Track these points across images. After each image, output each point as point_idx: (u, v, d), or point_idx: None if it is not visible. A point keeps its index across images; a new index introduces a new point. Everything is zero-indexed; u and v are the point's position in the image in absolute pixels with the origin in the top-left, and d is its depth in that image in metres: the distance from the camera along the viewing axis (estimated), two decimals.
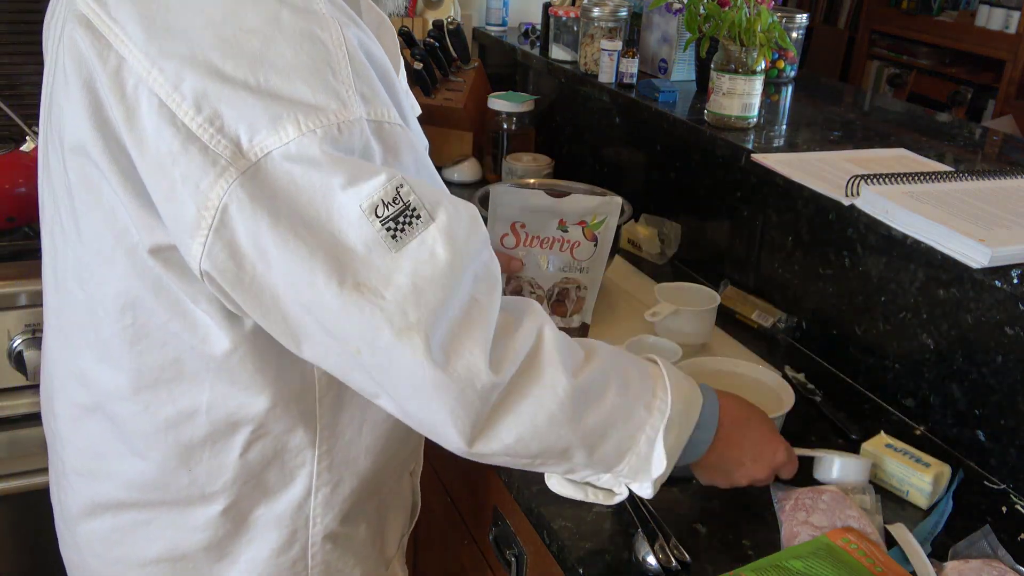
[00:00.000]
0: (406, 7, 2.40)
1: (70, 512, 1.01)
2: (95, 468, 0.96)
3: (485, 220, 1.56)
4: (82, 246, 0.87)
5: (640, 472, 0.90)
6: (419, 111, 1.01)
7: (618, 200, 1.29)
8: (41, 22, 0.99)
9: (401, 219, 0.76)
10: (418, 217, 0.77)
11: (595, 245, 1.28)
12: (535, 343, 0.84)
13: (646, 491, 0.91)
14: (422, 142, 0.92)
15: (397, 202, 0.76)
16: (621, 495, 0.94)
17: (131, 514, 0.95)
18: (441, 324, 0.77)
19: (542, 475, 1.13)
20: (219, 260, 0.76)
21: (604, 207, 1.28)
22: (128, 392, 0.89)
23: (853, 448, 1.21)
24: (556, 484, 0.96)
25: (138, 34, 0.75)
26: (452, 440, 0.81)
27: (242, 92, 0.74)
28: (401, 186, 0.76)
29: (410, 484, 1.17)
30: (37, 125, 1.01)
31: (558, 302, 1.34)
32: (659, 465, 0.90)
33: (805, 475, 1.17)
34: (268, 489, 0.95)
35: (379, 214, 0.75)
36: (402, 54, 2.17)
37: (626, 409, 0.89)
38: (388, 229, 0.76)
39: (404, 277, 0.76)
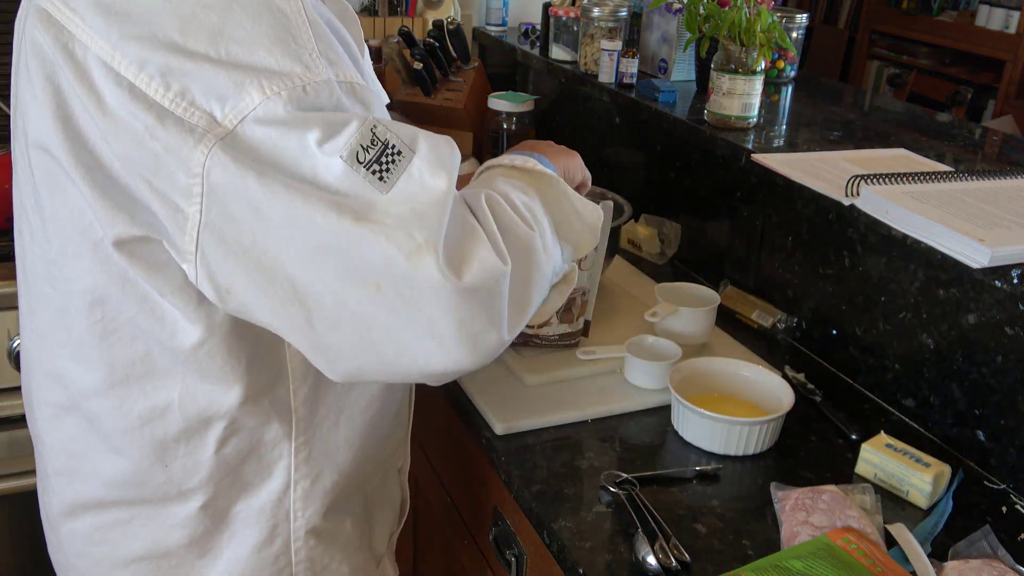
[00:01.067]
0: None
1: (52, 513, 1.01)
2: (74, 467, 0.96)
3: None
4: (49, 244, 0.87)
5: (585, 235, 0.99)
6: (387, 100, 1.02)
7: (610, 203, 1.29)
8: None
9: (383, 159, 0.78)
10: (399, 153, 0.78)
11: (594, 248, 1.27)
12: (497, 220, 0.87)
13: (591, 243, 1.01)
14: None
15: (376, 143, 0.77)
16: (575, 271, 1.02)
17: (111, 513, 0.96)
18: (445, 240, 0.78)
19: (542, 475, 1.14)
20: (217, 226, 0.77)
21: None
22: (102, 389, 0.90)
23: (853, 448, 1.21)
24: (539, 315, 1.01)
25: (98, 21, 0.76)
26: (492, 341, 0.83)
27: (205, 65, 0.75)
28: (375, 126, 0.78)
29: (398, 482, 1.18)
30: None
31: (566, 311, 1.34)
32: (592, 211, 1.00)
33: (805, 475, 1.17)
34: (246, 484, 0.95)
35: (361, 159, 0.76)
36: (402, 54, 2.18)
37: (557, 208, 0.97)
38: (374, 172, 0.77)
39: (402, 207, 0.77)
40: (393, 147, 0.78)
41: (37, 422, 1.00)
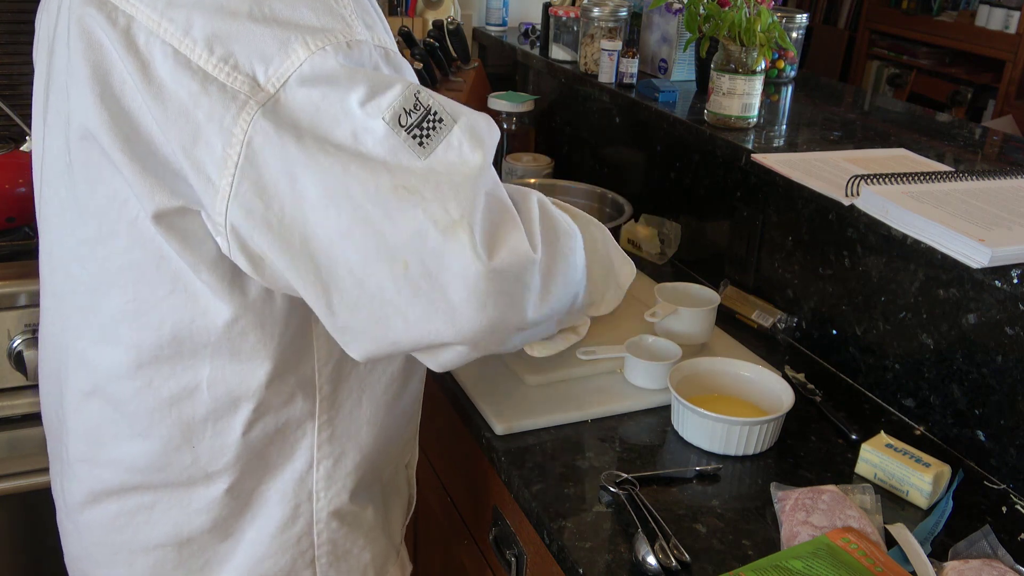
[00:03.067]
0: None
1: (73, 501, 1.01)
2: (96, 454, 0.96)
3: None
4: (83, 226, 0.88)
5: (611, 290, 1.05)
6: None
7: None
8: None
9: (425, 124, 0.78)
10: (440, 120, 0.79)
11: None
12: (541, 213, 0.89)
13: (614, 302, 1.06)
14: None
15: (418, 108, 0.78)
16: (586, 325, 1.06)
17: (134, 498, 0.96)
18: (480, 216, 0.79)
19: (542, 475, 1.14)
20: (246, 200, 0.77)
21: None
22: (129, 370, 0.90)
23: (853, 448, 1.21)
24: (538, 350, 1.05)
25: None
26: (511, 324, 0.84)
27: (249, 25, 0.75)
28: (419, 92, 0.78)
29: (405, 476, 1.18)
30: None
31: None
32: (626, 269, 1.06)
33: (805, 475, 1.17)
34: (270, 465, 0.95)
35: (403, 123, 0.77)
36: (402, 54, 2.18)
37: (594, 248, 1.02)
38: (414, 137, 0.77)
39: (440, 177, 0.77)
40: (435, 114, 0.79)
41: (62, 408, 1.00)
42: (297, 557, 0.99)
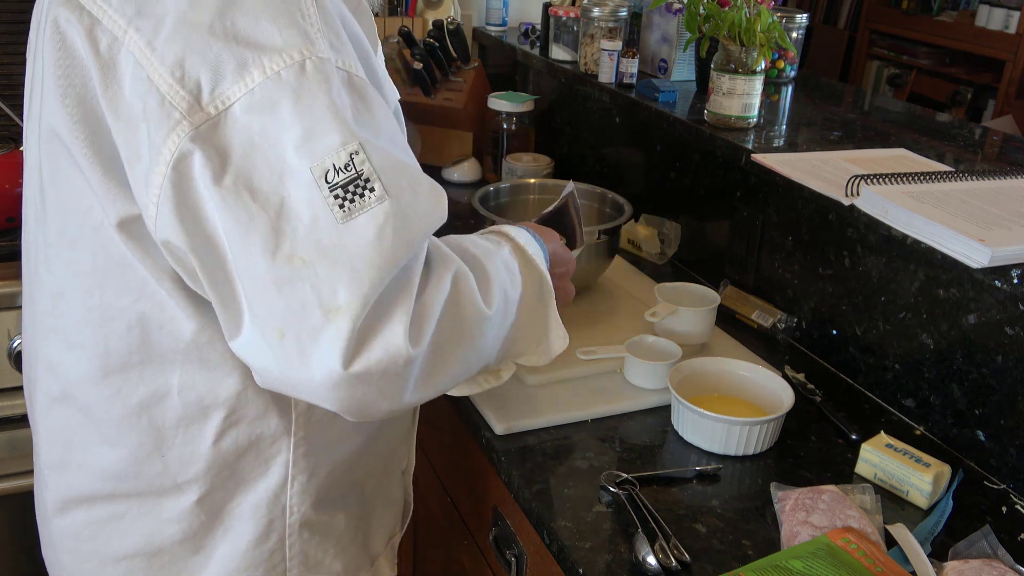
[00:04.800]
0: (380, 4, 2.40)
1: (44, 508, 1.00)
2: (65, 460, 0.95)
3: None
4: (48, 228, 0.87)
5: (540, 350, 1.04)
6: (396, 98, 0.99)
7: (572, 186, 1.27)
8: None
9: (352, 188, 0.74)
10: (371, 190, 0.75)
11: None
12: (450, 296, 0.83)
13: (542, 360, 1.05)
14: (400, 127, 0.92)
15: (349, 169, 0.74)
16: (510, 371, 1.07)
17: (104, 507, 0.94)
18: (369, 307, 0.75)
19: (542, 475, 1.13)
20: (168, 222, 0.76)
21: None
22: (97, 377, 0.89)
23: (853, 448, 1.21)
24: (459, 390, 1.07)
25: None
26: (381, 410, 0.81)
27: (208, 39, 0.74)
28: (356, 153, 0.75)
29: (401, 483, 1.17)
30: None
31: None
32: (559, 337, 1.04)
33: (805, 475, 1.17)
34: (243, 478, 0.93)
35: (328, 179, 0.74)
36: (402, 54, 2.18)
37: (529, 309, 0.99)
38: (336, 197, 0.74)
39: (343, 254, 0.74)
40: (367, 180, 0.75)
41: (34, 415, 0.99)
42: (270, 571, 0.98)
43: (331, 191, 0.74)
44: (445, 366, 0.85)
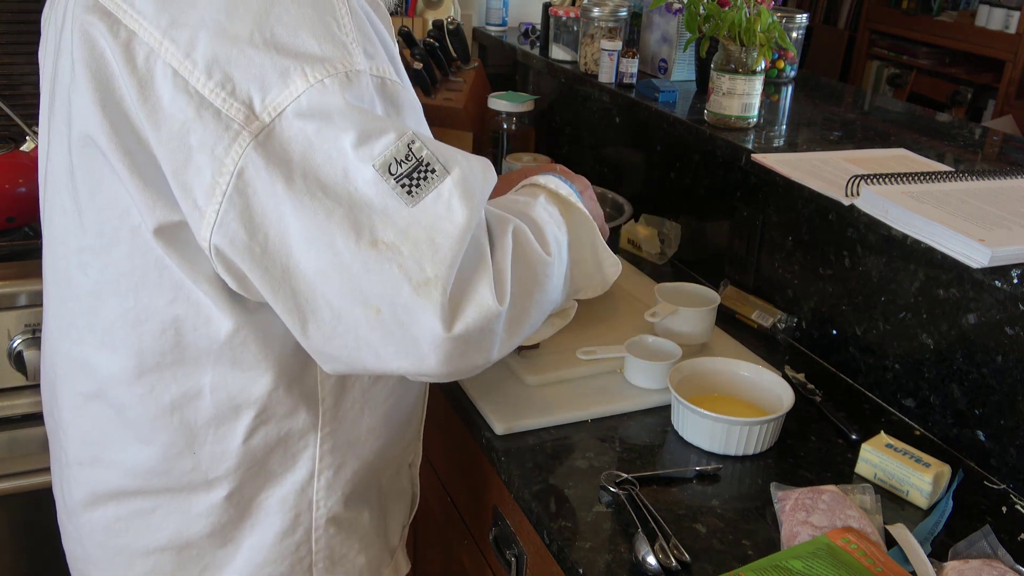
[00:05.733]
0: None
1: (73, 503, 1.01)
2: (97, 456, 0.97)
3: None
4: (84, 232, 0.88)
5: (596, 281, 1.09)
6: (418, 103, 1.03)
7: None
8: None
9: (416, 175, 0.78)
10: (433, 171, 0.79)
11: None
12: (515, 249, 0.89)
13: (600, 290, 1.10)
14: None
15: (410, 159, 0.78)
16: (574, 308, 1.11)
17: (134, 502, 0.96)
18: (454, 273, 0.80)
19: (542, 475, 1.14)
20: (231, 229, 0.78)
21: None
22: (131, 376, 0.90)
23: (853, 448, 1.21)
24: (531, 337, 1.07)
25: (148, 8, 0.77)
26: (478, 364, 0.86)
27: (249, 51, 0.75)
28: (413, 142, 0.79)
29: (409, 476, 1.19)
30: (37, 124, 1.02)
31: None
32: (612, 264, 1.08)
33: (805, 475, 1.17)
34: (271, 473, 0.96)
35: (392, 171, 0.77)
36: (402, 54, 2.18)
37: (579, 246, 1.04)
38: (403, 186, 0.78)
39: (421, 231, 0.78)
40: (427, 165, 0.79)
41: (61, 411, 1.00)
42: (295, 564, 1.00)
43: (397, 182, 0.78)
44: (525, 315, 0.90)
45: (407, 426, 1.10)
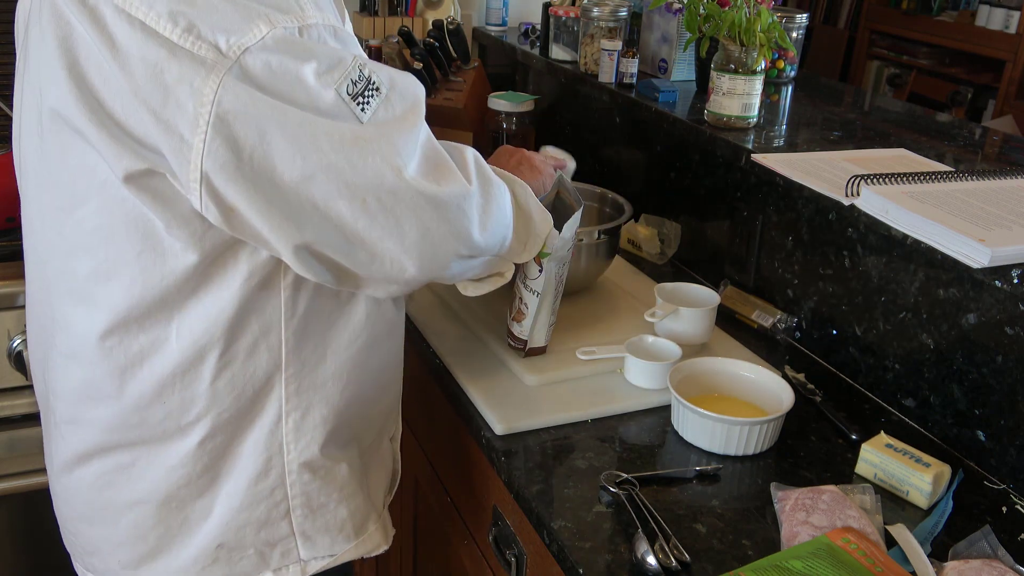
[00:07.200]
0: None
1: (60, 462, 1.06)
2: (77, 414, 1.01)
3: None
4: (58, 195, 0.93)
5: (531, 239, 1.15)
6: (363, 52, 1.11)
7: (569, 239, 1.25)
8: None
9: (367, 92, 0.90)
10: (377, 89, 0.91)
11: (540, 271, 1.25)
12: (475, 160, 1.04)
13: (534, 250, 1.17)
14: None
15: (362, 79, 0.89)
16: (511, 271, 1.17)
17: (114, 457, 1.00)
18: (424, 160, 0.94)
19: (542, 475, 1.14)
20: (220, 155, 0.83)
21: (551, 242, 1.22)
22: (103, 332, 0.95)
23: (853, 448, 1.21)
24: (471, 289, 1.15)
25: None
26: (450, 250, 0.98)
27: (213, 1, 0.82)
28: (363, 65, 0.90)
29: (390, 450, 1.22)
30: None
31: (517, 311, 1.32)
32: (544, 223, 1.16)
33: (805, 475, 1.17)
34: (241, 418, 1.00)
35: (349, 92, 0.88)
36: (402, 54, 2.18)
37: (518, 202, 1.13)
38: (358, 103, 0.89)
39: (383, 131, 0.90)
40: (374, 83, 0.90)
41: (48, 371, 1.04)
42: (272, 508, 1.04)
43: (353, 100, 0.88)
44: (490, 214, 1.03)
45: (381, 389, 1.13)
